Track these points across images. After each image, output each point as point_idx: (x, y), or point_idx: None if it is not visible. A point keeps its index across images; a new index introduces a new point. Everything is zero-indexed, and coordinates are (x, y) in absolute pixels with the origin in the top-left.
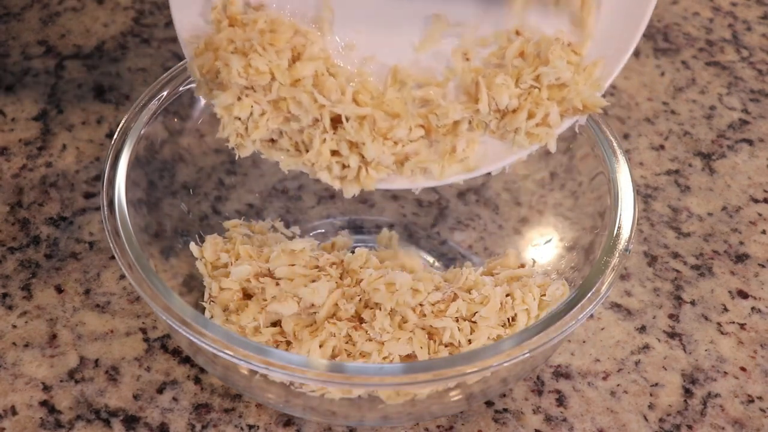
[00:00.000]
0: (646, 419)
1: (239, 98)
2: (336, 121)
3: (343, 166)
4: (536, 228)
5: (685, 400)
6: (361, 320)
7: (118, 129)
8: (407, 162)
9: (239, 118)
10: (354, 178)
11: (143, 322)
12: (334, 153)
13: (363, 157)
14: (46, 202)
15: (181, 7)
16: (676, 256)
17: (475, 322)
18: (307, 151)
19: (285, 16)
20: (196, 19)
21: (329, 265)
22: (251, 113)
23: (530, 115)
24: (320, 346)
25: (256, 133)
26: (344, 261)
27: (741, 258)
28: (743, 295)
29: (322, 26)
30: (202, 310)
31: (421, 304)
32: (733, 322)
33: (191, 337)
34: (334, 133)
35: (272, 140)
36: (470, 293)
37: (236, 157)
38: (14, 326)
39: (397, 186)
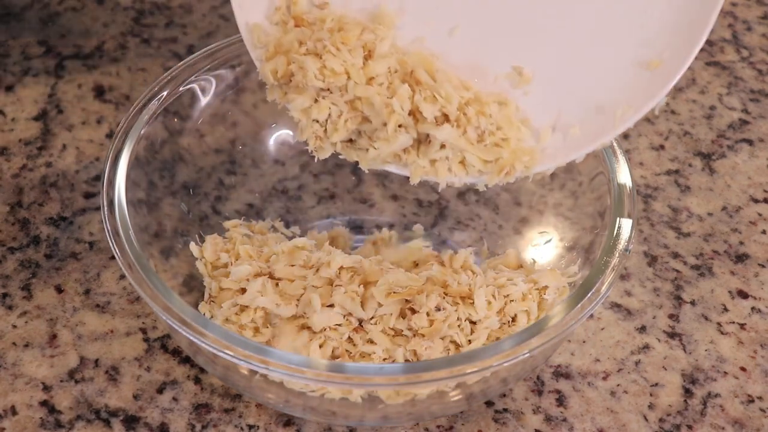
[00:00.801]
0: (646, 419)
1: (316, 100)
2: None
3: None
4: (536, 228)
5: (685, 400)
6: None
7: (118, 129)
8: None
9: (317, 121)
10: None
11: (143, 322)
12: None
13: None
14: (46, 202)
15: (245, 11)
16: (676, 256)
17: (474, 323)
18: None
19: (351, 13)
20: (260, 22)
21: None
22: (329, 115)
23: None
24: (320, 347)
25: (336, 135)
26: None
27: (741, 258)
28: (743, 295)
29: (383, 21)
30: None
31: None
32: (733, 322)
33: (191, 337)
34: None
35: (350, 140)
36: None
37: (236, 157)
38: (14, 326)
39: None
